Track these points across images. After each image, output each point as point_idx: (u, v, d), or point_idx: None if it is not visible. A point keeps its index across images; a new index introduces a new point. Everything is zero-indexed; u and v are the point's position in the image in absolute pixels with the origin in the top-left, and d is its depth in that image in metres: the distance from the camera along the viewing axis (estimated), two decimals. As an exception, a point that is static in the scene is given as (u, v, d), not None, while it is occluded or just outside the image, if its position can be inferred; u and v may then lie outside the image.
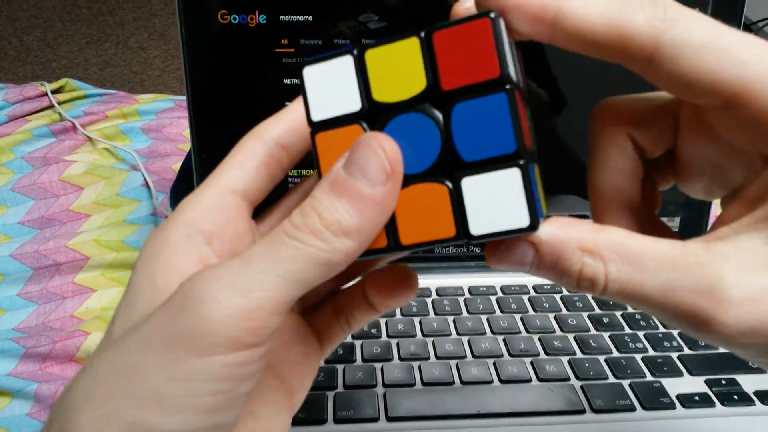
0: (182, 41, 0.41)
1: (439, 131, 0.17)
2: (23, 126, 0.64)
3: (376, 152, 0.16)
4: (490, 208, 0.16)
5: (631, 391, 0.38)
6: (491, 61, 0.16)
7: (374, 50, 0.17)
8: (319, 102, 0.18)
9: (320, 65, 0.18)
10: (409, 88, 0.17)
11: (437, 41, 0.16)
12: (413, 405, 0.36)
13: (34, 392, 0.42)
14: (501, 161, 0.16)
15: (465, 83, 0.16)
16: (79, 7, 1.81)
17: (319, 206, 0.16)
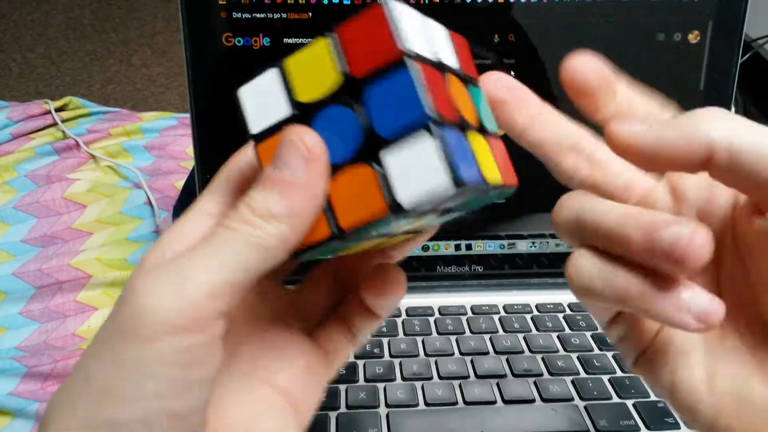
0: (187, 63, 0.42)
1: (357, 117, 0.18)
2: (27, 144, 0.65)
3: (293, 142, 0.18)
4: (413, 178, 0.17)
5: (635, 411, 0.37)
6: (389, 42, 0.17)
7: (292, 58, 0.19)
8: (255, 116, 0.19)
9: (251, 84, 0.19)
10: (326, 84, 0.18)
11: (342, 36, 0.18)
12: (416, 425, 0.36)
13: (35, 412, 0.42)
14: (413, 129, 0.17)
15: (372, 67, 0.17)
16: (83, 25, 1.83)
17: (251, 200, 0.18)
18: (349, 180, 0.18)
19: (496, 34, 0.42)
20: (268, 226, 0.17)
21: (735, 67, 0.43)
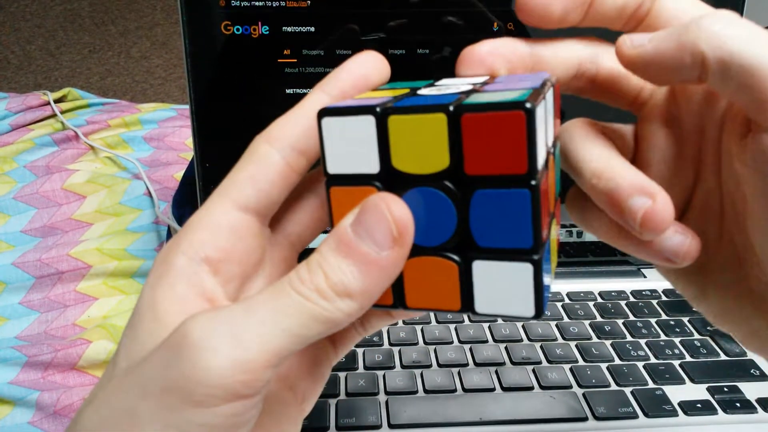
0: (186, 52, 0.42)
1: (456, 212, 0.17)
2: (26, 135, 0.64)
3: (384, 215, 0.16)
4: (497, 293, 0.17)
5: (633, 398, 0.38)
6: (520, 155, 0.15)
7: (398, 117, 0.16)
8: (337, 155, 0.17)
9: (340, 119, 0.17)
10: (430, 163, 0.16)
11: (465, 123, 0.16)
12: (415, 412, 0.36)
13: (35, 401, 0.42)
14: (516, 253, 0.16)
15: (490, 172, 0.16)
16: (81, 17, 1.82)
17: (325, 264, 0.16)
18: (428, 266, 0.17)
19: (495, 22, 0.42)
20: (340, 301, 0.16)
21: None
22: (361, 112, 0.16)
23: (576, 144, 0.20)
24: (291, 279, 0.16)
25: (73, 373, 0.44)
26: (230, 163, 0.20)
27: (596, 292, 0.47)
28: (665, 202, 0.18)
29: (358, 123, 0.17)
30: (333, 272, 0.16)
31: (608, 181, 0.18)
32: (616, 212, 0.18)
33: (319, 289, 0.16)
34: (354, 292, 0.16)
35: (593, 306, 0.45)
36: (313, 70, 0.43)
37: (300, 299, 0.16)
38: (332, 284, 0.16)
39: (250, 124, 0.43)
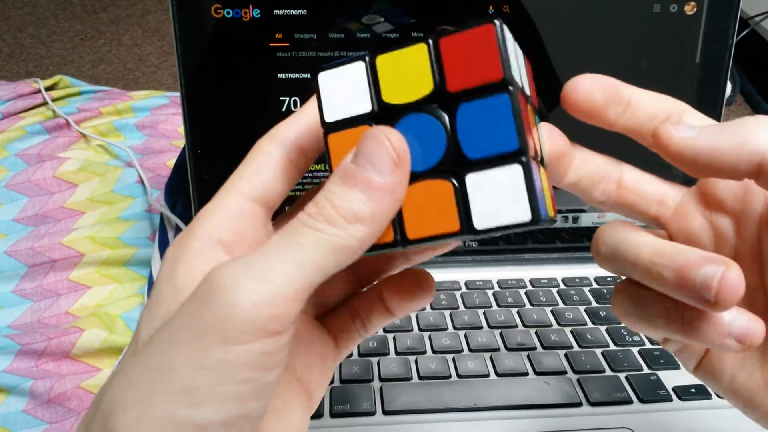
0: (176, 36, 0.41)
1: (444, 130, 0.18)
2: (17, 123, 0.64)
3: (382, 143, 0.17)
4: (493, 204, 0.17)
5: (627, 383, 0.38)
6: (494, 64, 0.17)
7: (385, 55, 0.18)
8: (332, 104, 0.19)
9: (334, 71, 0.19)
10: (417, 90, 0.18)
11: (444, 46, 0.17)
12: (410, 399, 0.36)
13: (29, 389, 0.42)
14: (504, 158, 0.17)
15: (470, 85, 0.17)
16: (72, 5, 1.80)
17: (332, 196, 0.17)
18: (424, 191, 0.18)
19: (491, 5, 0.42)
20: (351, 228, 0.17)
21: (731, 38, 0.43)
22: (352, 60, 0.18)
23: (627, 234, 0.20)
24: (301, 217, 0.17)
25: (67, 361, 0.43)
26: (222, 149, 0.21)
27: (592, 278, 0.47)
28: (738, 269, 0.18)
29: (349, 70, 0.18)
30: (341, 201, 0.17)
31: (673, 256, 0.18)
32: (686, 286, 0.18)
33: (329, 219, 0.17)
34: (363, 217, 0.17)
35: (588, 291, 0.45)
36: (305, 54, 0.42)
37: (312, 232, 0.17)
38: (342, 212, 0.17)
39: (242, 109, 0.43)
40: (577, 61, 0.43)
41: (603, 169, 0.22)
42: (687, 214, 0.21)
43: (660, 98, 0.21)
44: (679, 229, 0.22)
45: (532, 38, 0.42)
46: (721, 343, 0.19)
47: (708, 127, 0.19)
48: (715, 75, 0.44)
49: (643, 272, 0.19)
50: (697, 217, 0.21)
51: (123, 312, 0.47)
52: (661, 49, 0.43)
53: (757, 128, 0.18)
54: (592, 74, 0.21)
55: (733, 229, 0.21)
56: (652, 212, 0.22)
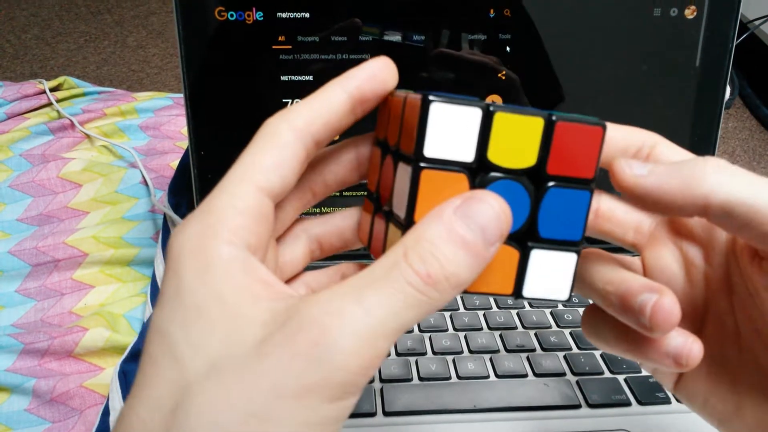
0: (179, 38, 0.42)
1: (530, 205, 0.19)
2: (21, 123, 0.64)
3: (497, 213, 0.17)
4: (543, 278, 0.19)
5: (626, 385, 0.38)
6: (591, 162, 0.19)
7: (503, 114, 0.18)
8: (436, 140, 0.18)
9: (448, 106, 0.18)
10: (520, 159, 0.19)
11: (558, 129, 0.18)
12: (410, 400, 0.36)
13: (32, 388, 0.42)
14: (566, 244, 0.19)
15: (565, 173, 0.19)
16: (77, 6, 1.81)
17: (439, 254, 0.16)
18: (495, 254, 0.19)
19: (492, 8, 0.42)
20: (450, 293, 0.17)
21: (731, 42, 0.43)
22: (469, 104, 0.18)
23: (590, 263, 0.22)
24: (405, 273, 0.16)
25: (70, 360, 0.44)
26: (225, 151, 0.20)
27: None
28: (671, 297, 0.19)
29: (464, 113, 0.18)
30: (449, 263, 0.16)
31: (619, 284, 0.20)
32: (628, 311, 0.20)
33: (435, 282, 0.16)
34: (463, 283, 0.17)
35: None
36: (308, 57, 0.42)
37: (417, 295, 0.16)
38: (448, 275, 0.16)
39: (245, 111, 0.43)
40: (577, 66, 0.43)
41: None
42: (659, 242, 0.22)
43: (631, 132, 0.22)
44: (651, 256, 0.22)
45: (533, 42, 0.43)
46: (661, 362, 0.20)
47: (659, 166, 0.19)
48: (714, 79, 0.44)
49: (597, 298, 0.22)
50: (669, 244, 0.22)
51: (126, 311, 0.48)
52: (661, 53, 0.44)
53: (706, 171, 0.18)
54: None
55: (702, 256, 0.22)
56: (629, 239, 0.23)
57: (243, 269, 0.17)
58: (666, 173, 0.19)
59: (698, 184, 0.18)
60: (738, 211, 0.18)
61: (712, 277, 0.22)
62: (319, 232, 0.22)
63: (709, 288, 0.22)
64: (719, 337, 0.22)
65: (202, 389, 0.16)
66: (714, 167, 0.19)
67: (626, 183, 0.20)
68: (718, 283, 0.22)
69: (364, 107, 0.20)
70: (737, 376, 0.22)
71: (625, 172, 0.20)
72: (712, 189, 0.18)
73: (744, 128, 1.40)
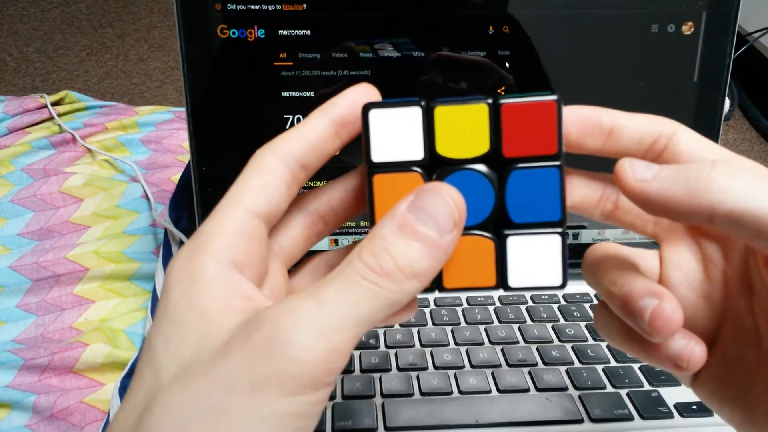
0: (182, 55, 0.42)
1: (494, 191, 0.18)
2: (23, 138, 0.64)
3: (446, 201, 0.17)
4: (529, 265, 0.19)
5: (629, 400, 0.38)
6: (551, 138, 0.18)
7: (443, 107, 0.18)
8: (381, 145, 0.18)
9: (387, 110, 0.18)
10: (471, 148, 0.18)
11: (505, 111, 0.18)
12: (412, 415, 0.36)
13: (32, 404, 0.42)
14: (545, 226, 0.18)
15: (525, 154, 0.18)
16: (79, 20, 1.83)
17: (391, 248, 0.17)
18: (465, 245, 0.19)
19: (491, 25, 0.42)
20: (408, 284, 0.17)
21: (729, 58, 0.44)
22: (408, 104, 0.18)
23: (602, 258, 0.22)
24: (357, 268, 0.17)
25: (70, 376, 0.44)
26: (226, 166, 0.21)
27: (592, 294, 0.47)
28: (672, 302, 0.19)
29: (404, 114, 0.18)
30: (401, 255, 0.17)
31: (623, 285, 0.20)
32: (629, 314, 0.20)
33: (388, 273, 0.17)
34: (420, 273, 0.17)
35: (589, 308, 0.46)
36: (309, 74, 0.43)
37: (370, 286, 0.17)
38: (401, 266, 0.17)
39: (247, 127, 0.43)
40: (575, 82, 0.44)
41: (600, 192, 0.22)
42: (678, 236, 0.22)
43: (647, 121, 0.21)
44: (670, 250, 0.22)
45: (532, 58, 0.43)
46: (662, 364, 0.20)
47: (665, 169, 0.19)
48: (713, 93, 0.44)
49: (604, 296, 0.21)
50: (688, 239, 0.22)
51: (127, 326, 0.48)
52: (658, 68, 0.44)
53: (711, 178, 0.18)
54: (570, 107, 0.21)
55: (721, 254, 0.21)
56: (650, 230, 0.22)
57: (224, 284, 0.18)
58: (670, 179, 0.18)
59: (703, 193, 0.18)
60: (746, 221, 0.17)
61: (731, 276, 0.21)
62: (319, 206, 0.22)
63: (728, 286, 0.21)
64: (738, 336, 0.22)
65: (168, 391, 0.17)
66: (720, 173, 0.18)
67: (628, 188, 0.19)
68: (736, 282, 0.21)
69: (348, 131, 0.20)
70: (755, 377, 0.21)
71: (628, 176, 0.19)
72: (718, 199, 0.17)
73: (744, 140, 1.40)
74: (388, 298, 0.17)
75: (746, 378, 0.21)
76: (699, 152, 0.20)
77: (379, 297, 0.17)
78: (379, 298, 0.17)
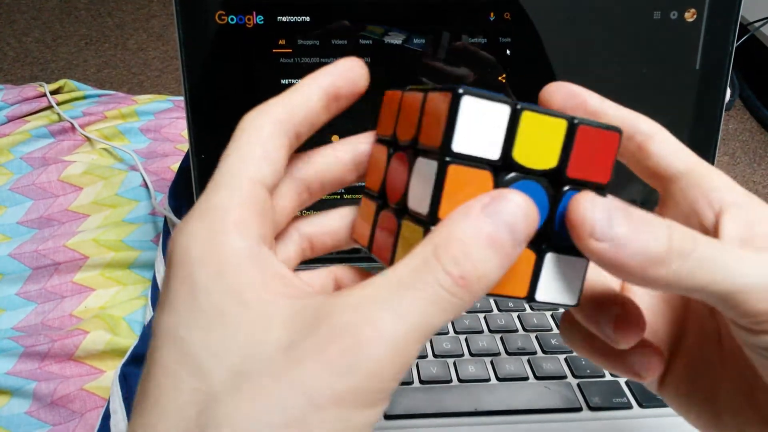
0: (180, 42, 0.42)
1: (549, 207, 0.19)
2: (22, 126, 0.64)
3: (526, 214, 0.17)
4: (555, 282, 0.19)
5: (627, 388, 0.38)
6: (607, 168, 0.19)
7: (530, 114, 0.18)
8: (464, 136, 0.18)
9: (479, 101, 0.18)
10: (542, 160, 0.18)
11: (579, 133, 0.18)
12: (411, 403, 0.36)
13: (32, 391, 0.42)
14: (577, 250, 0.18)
15: (582, 177, 0.19)
16: (77, 9, 1.82)
17: (473, 255, 0.16)
18: None
19: (492, 12, 0.42)
20: (479, 294, 0.16)
21: (731, 45, 0.43)
22: (500, 101, 0.18)
23: None
24: (438, 275, 0.16)
25: (71, 363, 0.44)
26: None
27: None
28: (636, 309, 0.20)
29: (493, 110, 0.18)
30: (481, 263, 0.16)
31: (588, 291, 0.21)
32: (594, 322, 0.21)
33: (468, 283, 0.16)
34: (491, 284, 0.16)
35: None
36: (308, 60, 0.42)
37: (449, 297, 0.16)
38: (479, 276, 0.16)
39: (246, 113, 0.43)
40: (578, 68, 0.43)
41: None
42: None
43: (630, 115, 0.21)
44: None
45: (534, 45, 0.43)
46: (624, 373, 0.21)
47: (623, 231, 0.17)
48: (715, 81, 0.44)
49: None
50: None
51: (127, 314, 0.48)
52: (661, 56, 0.44)
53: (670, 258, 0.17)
54: (559, 82, 0.21)
55: None
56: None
57: (258, 264, 0.17)
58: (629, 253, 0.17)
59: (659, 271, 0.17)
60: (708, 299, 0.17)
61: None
62: (311, 231, 0.22)
63: None
64: (700, 339, 0.22)
65: (230, 399, 0.15)
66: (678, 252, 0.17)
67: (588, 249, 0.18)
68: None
69: (339, 105, 0.20)
70: (719, 379, 0.21)
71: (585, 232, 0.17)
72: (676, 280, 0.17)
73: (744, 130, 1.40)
74: (459, 308, 0.16)
75: (711, 380, 0.22)
76: (670, 158, 0.21)
77: (454, 308, 0.16)
78: (453, 310, 0.16)
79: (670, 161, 0.21)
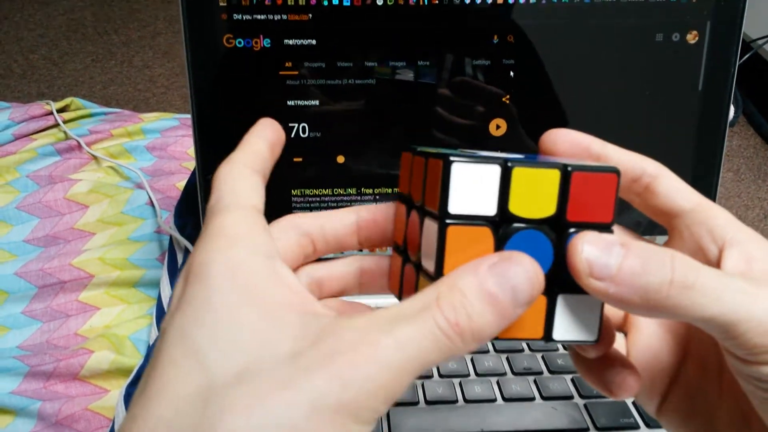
0: (188, 64, 0.42)
1: (554, 252, 0.19)
2: (29, 145, 0.65)
3: (531, 279, 0.17)
4: (571, 322, 0.20)
5: (634, 408, 0.38)
6: (608, 208, 0.19)
7: (521, 169, 0.19)
8: (458, 198, 0.19)
9: (468, 165, 0.19)
10: (539, 209, 0.19)
11: (574, 179, 0.19)
12: (417, 423, 0.36)
13: (37, 410, 0.42)
14: None
15: (584, 219, 0.19)
16: (84, 26, 1.84)
17: (470, 308, 0.17)
18: None
19: (495, 35, 0.43)
20: (472, 345, 0.17)
21: (733, 67, 0.44)
22: (488, 162, 0.19)
23: None
24: (437, 317, 0.17)
25: (76, 383, 0.44)
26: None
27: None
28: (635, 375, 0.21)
29: (484, 171, 0.19)
30: (476, 317, 0.17)
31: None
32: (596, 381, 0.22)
33: (462, 332, 0.17)
34: (485, 339, 0.17)
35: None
36: (314, 82, 0.43)
37: (444, 339, 0.17)
38: (473, 329, 0.17)
39: (252, 135, 0.43)
40: (580, 91, 0.44)
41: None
42: None
43: (634, 157, 0.22)
44: None
45: (537, 67, 0.43)
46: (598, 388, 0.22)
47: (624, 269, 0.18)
48: (718, 102, 0.44)
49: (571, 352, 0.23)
50: None
51: (131, 333, 0.48)
52: (663, 78, 0.44)
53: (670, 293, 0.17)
54: (559, 130, 0.22)
55: None
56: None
57: (274, 276, 0.18)
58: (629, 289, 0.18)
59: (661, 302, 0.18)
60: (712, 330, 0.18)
61: None
62: (322, 275, 0.23)
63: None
64: (701, 367, 0.22)
65: (234, 393, 0.16)
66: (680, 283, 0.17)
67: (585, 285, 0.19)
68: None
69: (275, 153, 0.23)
70: (716, 407, 0.22)
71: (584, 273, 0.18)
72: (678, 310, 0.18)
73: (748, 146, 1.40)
74: (452, 352, 0.17)
75: (709, 407, 0.22)
76: (676, 197, 0.21)
77: (447, 351, 0.17)
78: (446, 352, 0.17)
79: (676, 200, 0.21)
